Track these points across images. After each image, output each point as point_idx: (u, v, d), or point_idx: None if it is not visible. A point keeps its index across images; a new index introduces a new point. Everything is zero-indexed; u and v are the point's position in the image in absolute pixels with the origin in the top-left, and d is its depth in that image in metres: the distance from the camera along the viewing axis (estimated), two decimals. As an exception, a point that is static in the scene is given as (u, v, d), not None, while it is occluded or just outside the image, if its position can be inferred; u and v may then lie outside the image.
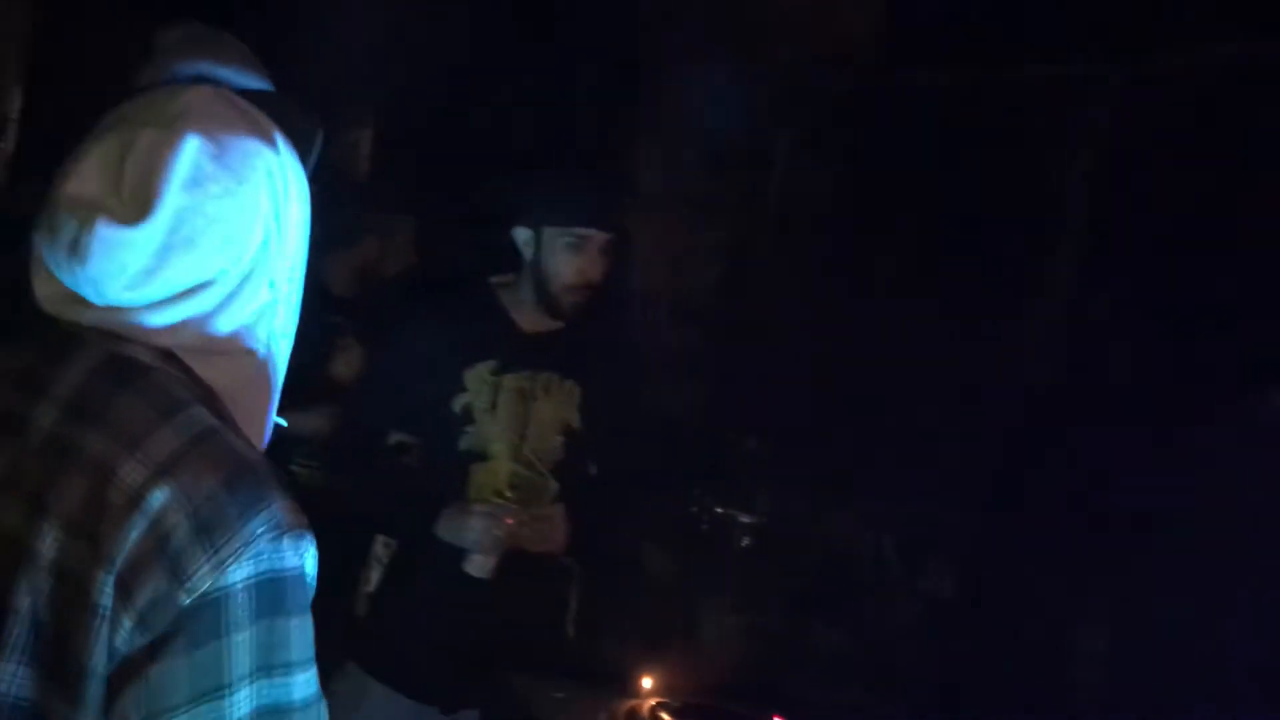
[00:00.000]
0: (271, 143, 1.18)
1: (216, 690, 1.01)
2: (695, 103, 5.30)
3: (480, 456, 2.49)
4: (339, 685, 2.43)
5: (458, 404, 2.49)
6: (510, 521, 2.35)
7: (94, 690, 1.01)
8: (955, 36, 4.44)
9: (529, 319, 2.59)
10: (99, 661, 1.01)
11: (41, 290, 1.15)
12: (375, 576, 2.61)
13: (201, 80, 1.25)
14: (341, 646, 2.46)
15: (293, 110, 1.23)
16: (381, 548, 2.61)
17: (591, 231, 2.48)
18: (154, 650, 1.01)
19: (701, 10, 5.46)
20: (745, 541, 4.08)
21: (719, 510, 4.07)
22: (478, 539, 2.35)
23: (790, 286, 5.02)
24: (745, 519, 4.08)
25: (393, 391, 2.54)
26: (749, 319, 5.06)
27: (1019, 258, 4.28)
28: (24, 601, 1.02)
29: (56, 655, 1.02)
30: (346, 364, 3.09)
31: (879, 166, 4.83)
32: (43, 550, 1.03)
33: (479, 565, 2.39)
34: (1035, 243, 4.32)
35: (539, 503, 2.49)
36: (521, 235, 2.55)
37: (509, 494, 2.46)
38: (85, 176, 1.10)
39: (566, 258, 2.48)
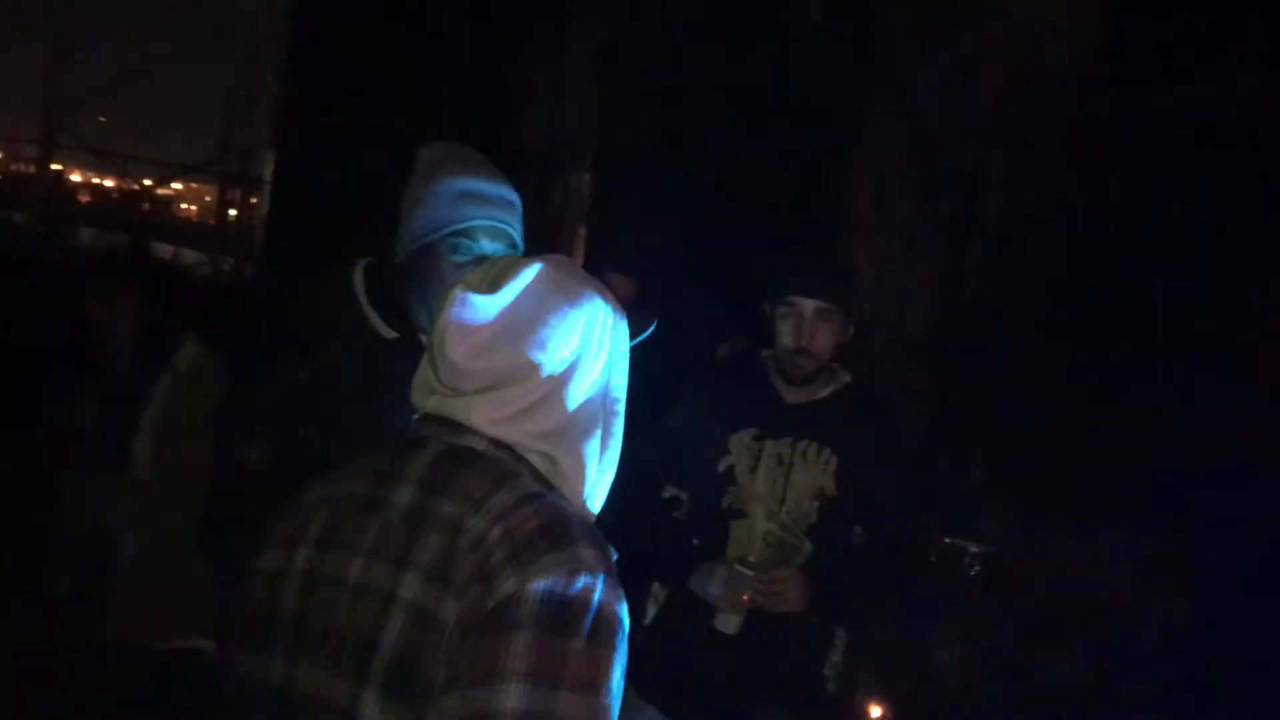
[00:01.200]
0: (603, 296, 1.50)
1: (492, 674, 1.23)
2: (913, 129, 5.38)
3: (740, 514, 2.69)
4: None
5: (722, 464, 2.71)
6: (745, 598, 2.52)
7: (430, 699, 1.25)
8: (1172, 54, 4.39)
9: (789, 390, 2.76)
10: (439, 673, 1.25)
11: (418, 369, 1.49)
12: (651, 612, 2.84)
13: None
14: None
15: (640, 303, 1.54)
16: (658, 587, 2.83)
17: (799, 299, 2.64)
18: (460, 645, 1.26)
19: (919, 33, 5.51)
20: (975, 570, 4.13)
21: (947, 540, 4.14)
22: (721, 597, 2.55)
23: (1012, 311, 5.03)
24: (974, 548, 4.13)
25: (671, 449, 2.77)
26: (971, 346, 5.09)
27: (1244, 272, 4.19)
28: (387, 640, 1.28)
29: (406, 678, 1.26)
30: None
31: (1097, 187, 4.79)
32: (405, 597, 1.29)
33: (725, 621, 2.59)
34: (1264, 257, 4.22)
35: (791, 561, 2.64)
36: (765, 308, 2.76)
37: (763, 550, 2.63)
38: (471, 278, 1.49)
39: (783, 326, 2.67)
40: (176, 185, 32.10)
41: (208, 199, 30.36)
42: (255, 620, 1.39)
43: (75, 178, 29.36)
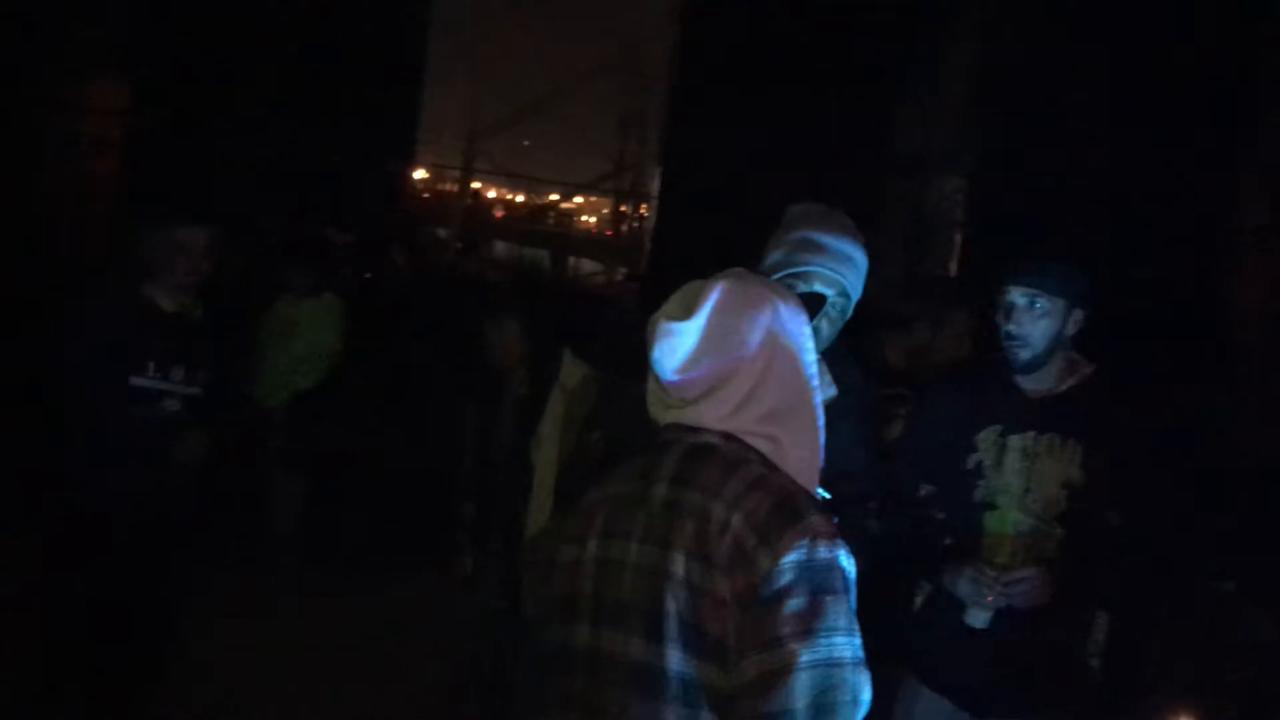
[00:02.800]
0: (779, 296, 1.78)
1: (778, 638, 1.53)
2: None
3: (990, 506, 2.81)
4: (901, 689, 2.87)
5: (971, 461, 2.85)
6: (990, 598, 2.64)
7: (725, 657, 1.57)
8: None
9: (1030, 383, 2.82)
10: (730, 635, 1.56)
11: (648, 392, 1.83)
12: (919, 601, 3.02)
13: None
14: (900, 658, 2.89)
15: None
16: (924, 582, 3.00)
17: (1010, 288, 2.72)
18: (743, 618, 1.56)
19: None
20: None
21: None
22: (968, 595, 2.69)
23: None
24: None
25: (926, 450, 2.94)
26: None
27: None
28: (672, 606, 1.60)
29: (698, 637, 1.59)
30: (897, 428, 3.54)
31: None
32: (677, 572, 1.61)
33: (974, 616, 2.72)
34: None
35: (1043, 548, 2.74)
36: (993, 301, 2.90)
37: (1014, 541, 2.74)
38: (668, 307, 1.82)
39: (999, 315, 2.76)
40: (578, 200, 34.45)
41: (605, 212, 32.34)
42: (563, 599, 1.75)
43: (490, 194, 32.18)
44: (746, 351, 1.70)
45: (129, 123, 10.58)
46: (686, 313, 1.70)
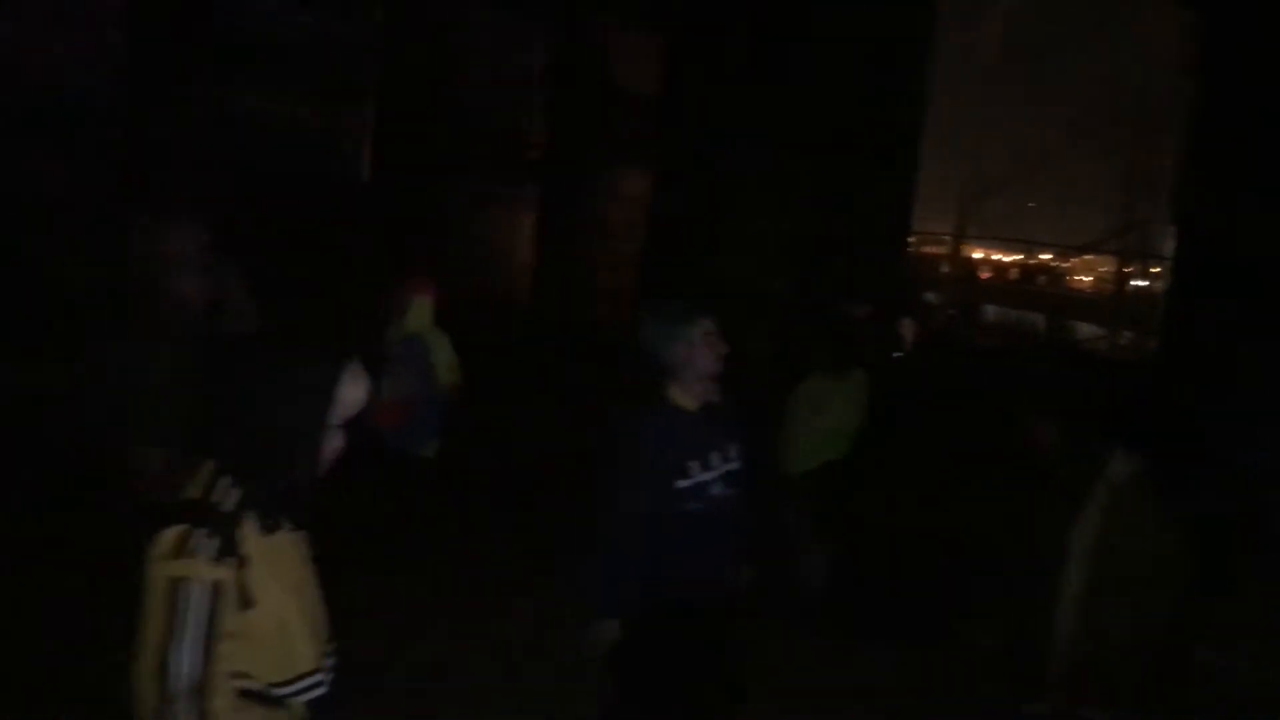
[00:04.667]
0: None
1: None
2: None
3: None
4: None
5: None
6: None
7: None
8: None
9: None
10: None
11: None
12: None
13: None
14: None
15: None
16: None
17: None
18: None
19: None
20: None
21: None
22: None
23: None
24: None
25: None
26: None
27: None
28: None
29: None
30: None
31: None
32: None
33: None
34: None
35: None
36: None
37: None
38: None
39: None
40: (1072, 259, 32.94)
41: (1102, 271, 30.75)
42: None
43: (975, 255, 31.67)
44: None
45: (651, 206, 11.82)
46: None
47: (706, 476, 3.40)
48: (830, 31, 10.75)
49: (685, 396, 3.45)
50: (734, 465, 3.49)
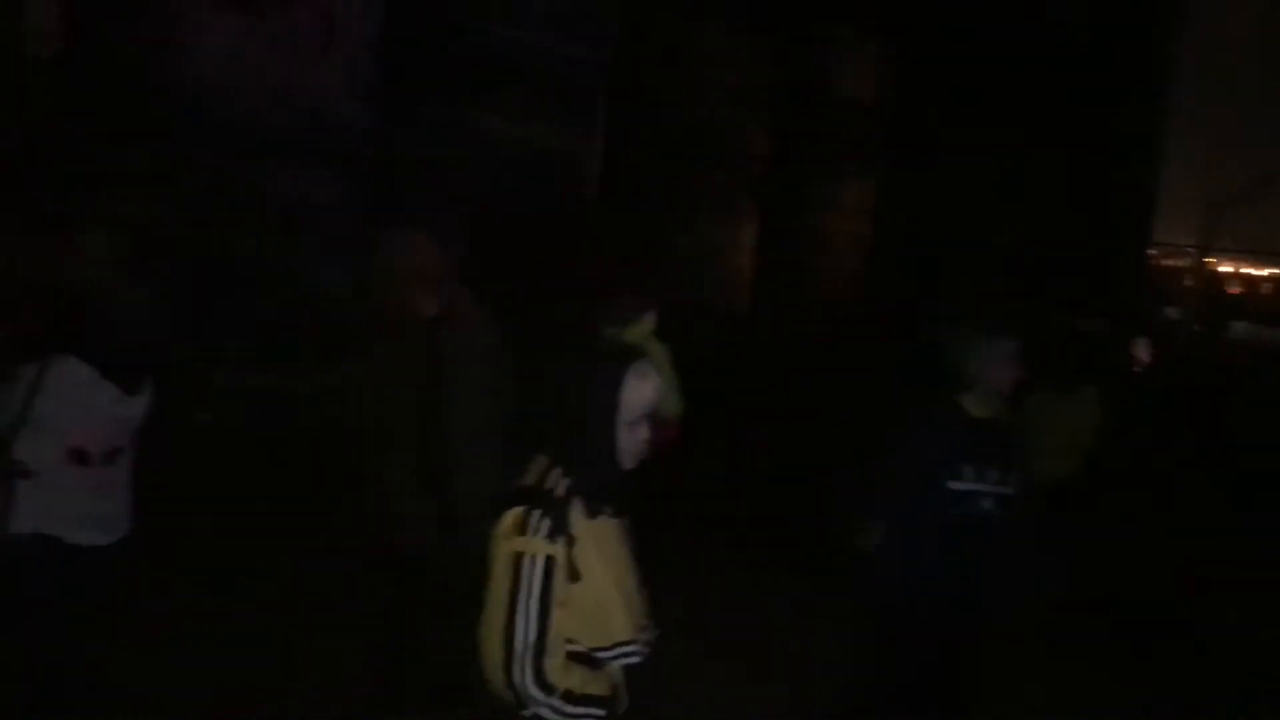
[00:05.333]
0: None
1: None
2: None
3: None
4: None
5: None
6: None
7: None
8: None
9: None
10: None
11: None
12: None
13: None
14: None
15: None
16: None
17: None
18: None
19: None
20: None
21: None
22: None
23: None
24: None
25: None
26: None
27: None
28: None
29: None
30: None
31: None
32: None
33: None
34: None
35: None
36: None
37: None
38: None
39: None
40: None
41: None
42: None
43: (1224, 268, 29.80)
44: None
45: (877, 220, 11.70)
46: None
47: (979, 487, 3.51)
48: (1065, 37, 10.42)
49: (976, 407, 3.60)
50: (1008, 490, 3.56)
